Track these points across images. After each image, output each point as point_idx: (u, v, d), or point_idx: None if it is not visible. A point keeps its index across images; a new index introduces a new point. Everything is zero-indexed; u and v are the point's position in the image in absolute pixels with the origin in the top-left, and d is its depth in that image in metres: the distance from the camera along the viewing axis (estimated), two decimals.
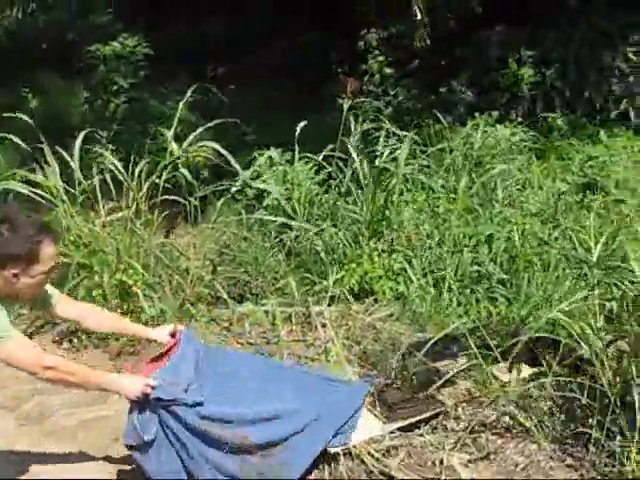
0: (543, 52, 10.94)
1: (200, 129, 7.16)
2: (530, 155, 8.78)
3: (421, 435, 4.68)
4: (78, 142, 6.85)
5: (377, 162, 7.41)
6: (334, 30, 12.40)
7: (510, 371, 5.19)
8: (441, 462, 4.44)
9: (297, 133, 7.29)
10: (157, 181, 6.62)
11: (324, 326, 5.82)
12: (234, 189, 6.94)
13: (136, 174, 6.61)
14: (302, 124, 7.35)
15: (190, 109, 9.76)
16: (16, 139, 7.00)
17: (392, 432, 4.64)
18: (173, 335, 4.32)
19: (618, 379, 4.41)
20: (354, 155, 7.29)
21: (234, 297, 6.44)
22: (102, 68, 10.50)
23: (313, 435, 4.21)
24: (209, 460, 3.95)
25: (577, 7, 11.08)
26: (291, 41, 13.20)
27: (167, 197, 6.68)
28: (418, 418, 4.75)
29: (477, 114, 9.61)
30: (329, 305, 6.20)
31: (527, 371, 5.26)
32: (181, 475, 3.97)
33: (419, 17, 10.55)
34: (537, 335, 5.13)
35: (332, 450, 4.34)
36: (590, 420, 4.51)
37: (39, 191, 6.52)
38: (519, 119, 10.05)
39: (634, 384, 4.27)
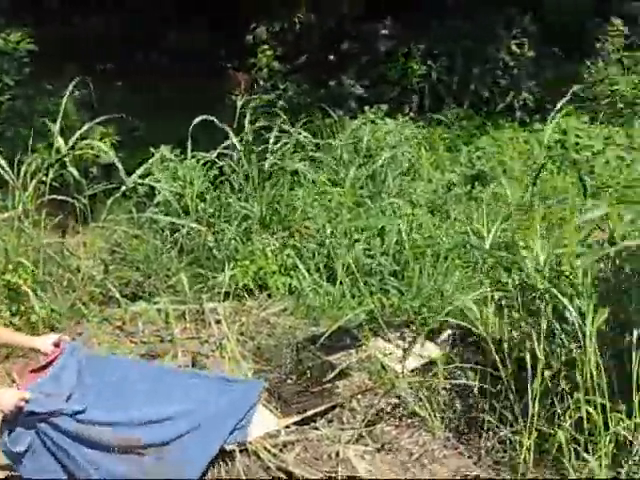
0: (431, 45, 11.07)
1: (86, 126, 7.01)
2: (419, 147, 8.89)
3: (317, 429, 4.71)
4: None
5: (268, 158, 7.41)
6: (221, 26, 12.34)
7: (404, 361, 5.26)
8: (337, 455, 4.48)
9: (190, 129, 7.21)
10: (45, 179, 6.47)
11: (218, 322, 5.79)
12: (124, 188, 6.82)
13: (22, 173, 6.45)
14: (197, 120, 7.28)
15: (78, 106, 9.59)
16: None
17: (288, 427, 4.66)
18: (58, 345, 4.23)
19: (510, 366, 4.51)
20: (241, 152, 7.28)
21: (126, 296, 6.35)
22: None
23: (208, 434, 4.21)
24: (96, 464, 3.91)
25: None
26: (180, 37, 13.08)
27: (54, 197, 6.53)
28: (313, 411, 4.78)
29: (367, 108, 9.69)
30: (223, 301, 6.17)
31: (421, 360, 5.33)
32: (59, 475, 3.94)
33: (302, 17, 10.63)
34: (434, 323, 5.23)
35: (228, 447, 4.34)
36: (484, 406, 4.61)
37: None
38: (412, 114, 10.15)
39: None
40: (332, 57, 11.07)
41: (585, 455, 4.10)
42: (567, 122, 9.84)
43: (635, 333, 4.19)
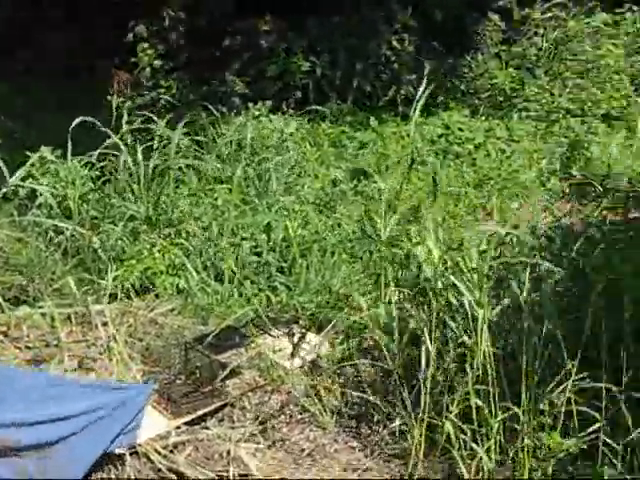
0: (313, 41, 11.09)
1: None
2: (304, 143, 8.92)
3: (207, 428, 4.71)
4: None
5: (152, 157, 7.35)
6: (100, 23, 12.13)
7: (292, 357, 5.29)
8: (228, 454, 4.48)
9: (70, 130, 7.09)
10: None
11: (105, 325, 5.71)
12: (4, 190, 6.67)
13: None
14: (76, 121, 7.15)
15: None
16: None
17: (178, 427, 4.64)
18: None
19: (402, 359, 4.58)
20: (124, 152, 7.22)
21: (9, 300, 6.20)
22: None
23: (95, 435, 4.18)
24: None
25: None
26: (57, 36, 12.80)
27: None
28: (203, 411, 4.78)
29: (251, 104, 9.66)
30: (110, 303, 6.08)
31: (311, 355, 5.37)
32: None
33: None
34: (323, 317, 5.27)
35: (117, 451, 4.30)
36: (376, 399, 4.67)
37: None
38: (290, 110, 10.15)
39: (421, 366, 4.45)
40: (216, 54, 10.98)
41: (473, 445, 4.20)
42: (449, 116, 10.04)
43: (526, 323, 4.31)
